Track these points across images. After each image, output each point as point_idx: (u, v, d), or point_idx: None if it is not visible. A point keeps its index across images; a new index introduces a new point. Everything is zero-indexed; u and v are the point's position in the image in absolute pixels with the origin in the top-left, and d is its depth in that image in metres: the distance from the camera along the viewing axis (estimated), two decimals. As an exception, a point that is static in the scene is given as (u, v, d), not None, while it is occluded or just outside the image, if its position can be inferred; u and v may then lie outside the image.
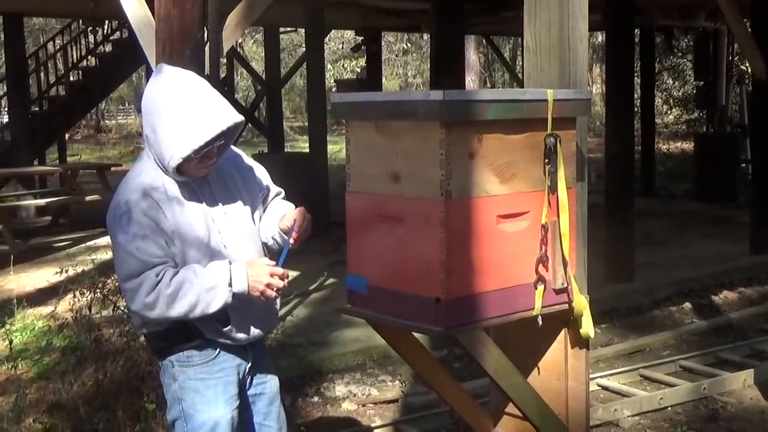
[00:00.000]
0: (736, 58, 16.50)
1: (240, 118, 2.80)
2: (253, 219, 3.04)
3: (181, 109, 2.72)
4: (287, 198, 3.27)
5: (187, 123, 2.71)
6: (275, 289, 2.83)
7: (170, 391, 2.98)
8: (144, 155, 2.91)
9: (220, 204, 2.92)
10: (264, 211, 3.12)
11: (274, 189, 3.20)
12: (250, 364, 3.05)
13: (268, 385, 3.15)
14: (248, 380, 3.08)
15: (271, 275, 2.82)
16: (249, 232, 2.99)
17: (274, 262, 2.88)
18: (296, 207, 3.08)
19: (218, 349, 2.94)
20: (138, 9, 5.17)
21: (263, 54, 18.26)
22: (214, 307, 2.77)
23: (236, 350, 2.98)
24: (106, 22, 14.79)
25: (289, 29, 18.35)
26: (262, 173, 3.17)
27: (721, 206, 12.78)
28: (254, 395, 3.11)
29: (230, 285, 2.77)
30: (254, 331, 2.98)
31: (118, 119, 36.38)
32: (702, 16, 13.01)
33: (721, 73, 15.15)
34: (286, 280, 2.89)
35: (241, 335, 2.94)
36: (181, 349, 2.93)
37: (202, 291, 2.75)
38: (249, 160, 3.15)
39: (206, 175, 2.89)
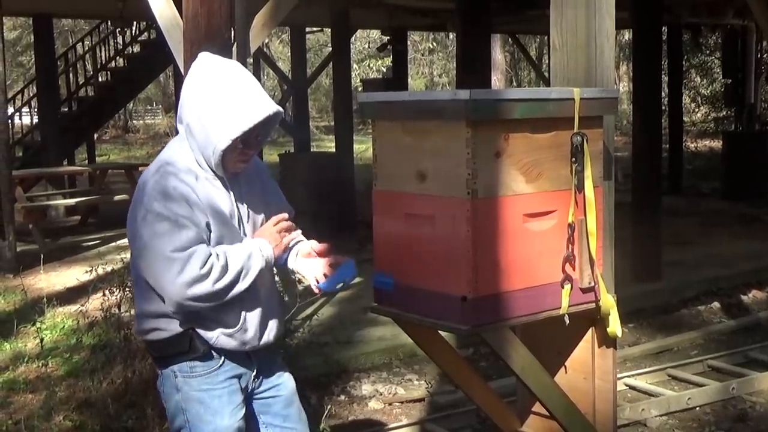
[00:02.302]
0: (764, 56, 16.35)
1: (280, 108, 2.79)
2: None
3: (229, 94, 2.70)
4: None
5: (236, 106, 2.69)
6: (286, 232, 2.85)
7: (172, 401, 2.91)
8: (174, 146, 2.85)
9: (246, 205, 2.90)
10: None
11: (286, 207, 3.11)
12: (255, 372, 2.96)
13: (282, 386, 3.05)
14: (258, 386, 3.00)
15: (277, 228, 2.84)
16: None
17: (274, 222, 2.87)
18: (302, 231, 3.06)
19: (222, 358, 2.86)
20: (166, 9, 5.21)
21: (289, 54, 18.33)
22: (252, 275, 2.74)
23: (240, 358, 2.90)
24: (135, 23, 14.92)
25: (315, 29, 18.40)
26: (279, 190, 3.14)
27: (749, 205, 12.67)
28: (268, 398, 3.03)
29: (261, 250, 2.78)
30: (261, 335, 2.90)
31: (145, 119, 36.64)
32: (730, 13, 12.89)
33: (749, 70, 15.01)
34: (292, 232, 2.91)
35: (247, 337, 2.86)
36: (184, 360, 2.84)
37: (243, 259, 2.73)
38: (269, 175, 3.14)
39: (237, 174, 2.87)
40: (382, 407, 5.37)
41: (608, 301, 2.83)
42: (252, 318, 2.87)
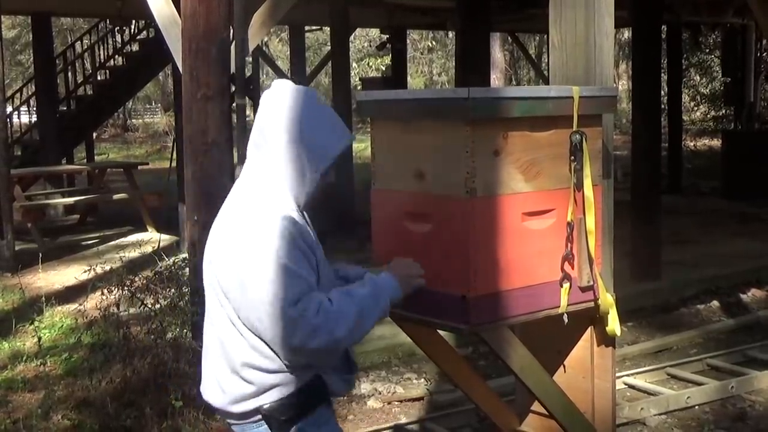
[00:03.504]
0: (764, 54, 16.35)
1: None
2: None
3: (322, 116, 2.62)
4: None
5: (332, 127, 2.61)
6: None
7: None
8: (266, 189, 2.62)
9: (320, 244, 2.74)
10: None
11: None
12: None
13: None
14: None
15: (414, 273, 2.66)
16: None
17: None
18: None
19: (330, 405, 2.72)
20: (164, 8, 5.21)
21: (288, 53, 18.32)
22: (374, 317, 2.54)
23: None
24: (133, 21, 14.90)
25: (314, 28, 18.40)
26: None
27: (748, 204, 12.67)
28: None
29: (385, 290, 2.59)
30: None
31: (144, 118, 36.64)
32: (730, 12, 12.90)
33: (749, 69, 15.02)
34: None
35: (353, 379, 2.78)
36: (313, 408, 2.62)
37: (363, 301, 2.52)
38: None
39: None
40: (381, 406, 5.37)
41: (607, 300, 2.82)
42: (353, 358, 2.76)
